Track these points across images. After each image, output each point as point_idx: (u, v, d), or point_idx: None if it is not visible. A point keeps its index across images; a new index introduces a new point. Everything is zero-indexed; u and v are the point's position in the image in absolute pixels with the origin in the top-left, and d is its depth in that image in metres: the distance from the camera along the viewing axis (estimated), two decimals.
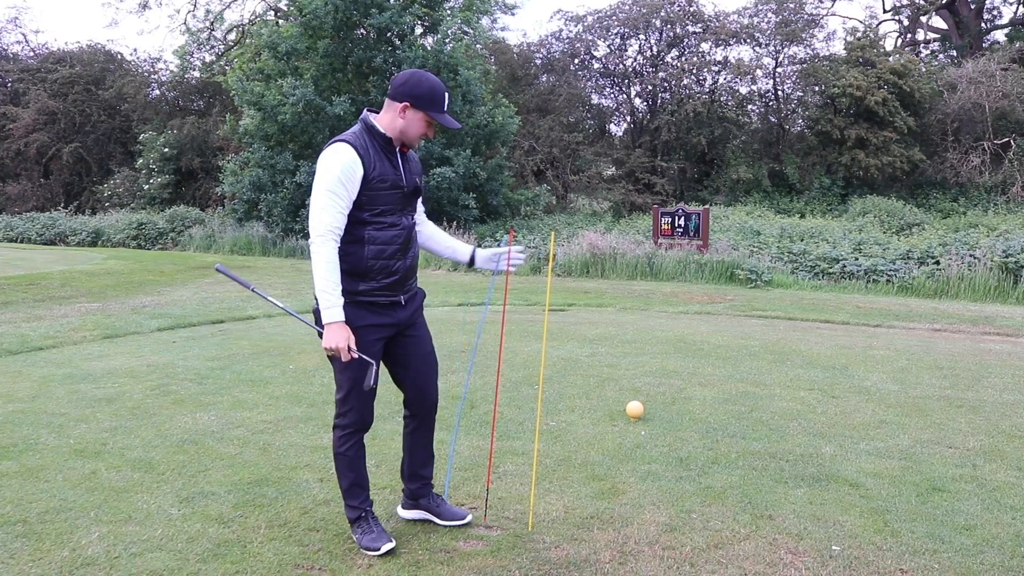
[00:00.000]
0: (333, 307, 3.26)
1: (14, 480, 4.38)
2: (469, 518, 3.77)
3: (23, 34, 39.37)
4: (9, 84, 35.94)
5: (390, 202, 3.38)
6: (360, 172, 3.28)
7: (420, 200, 3.69)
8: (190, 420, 5.49)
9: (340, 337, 3.25)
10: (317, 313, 3.41)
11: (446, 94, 3.40)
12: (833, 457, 4.74)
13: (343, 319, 3.28)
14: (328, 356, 3.39)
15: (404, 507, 3.87)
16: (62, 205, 31.55)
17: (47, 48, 37.22)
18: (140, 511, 3.96)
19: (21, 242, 26.49)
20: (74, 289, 12.64)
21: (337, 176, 3.24)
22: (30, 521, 3.85)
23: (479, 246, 3.71)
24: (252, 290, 3.81)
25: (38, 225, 27.25)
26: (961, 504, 4.04)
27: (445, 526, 3.75)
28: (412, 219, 3.53)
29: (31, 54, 36.87)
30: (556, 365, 7.26)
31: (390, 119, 3.38)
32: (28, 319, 9.90)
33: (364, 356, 3.35)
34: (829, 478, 4.39)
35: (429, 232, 3.78)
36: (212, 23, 32.41)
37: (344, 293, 3.34)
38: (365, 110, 3.45)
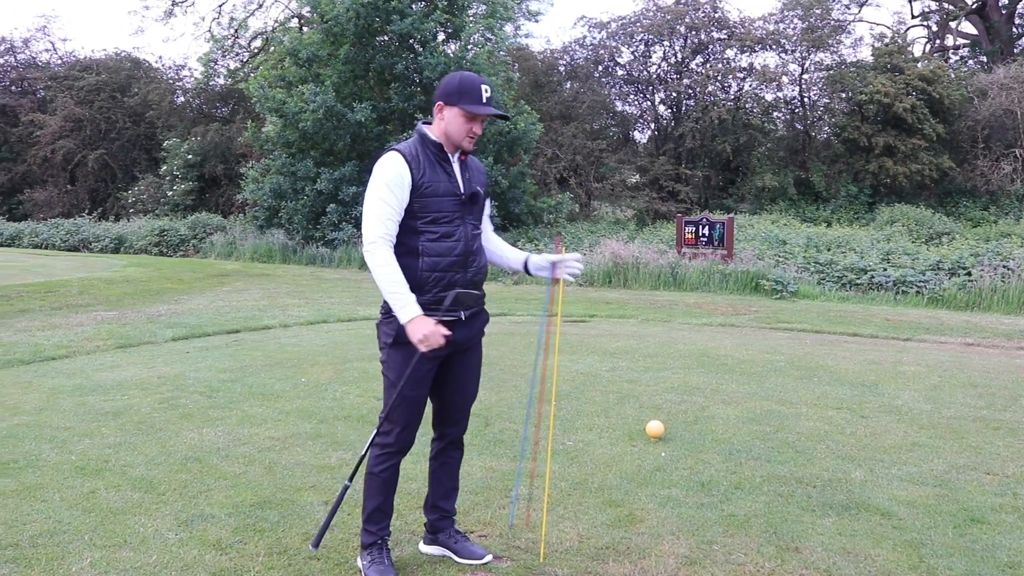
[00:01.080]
0: (406, 304, 3.17)
1: (10, 499, 4.24)
2: (488, 558, 3.53)
3: (51, 42, 39.61)
4: (38, 92, 36.23)
5: (444, 209, 3.28)
6: (408, 179, 3.23)
7: (487, 211, 3.58)
8: (196, 436, 5.34)
9: (425, 326, 3.14)
10: (381, 325, 3.38)
11: (482, 85, 3.26)
12: (863, 483, 4.50)
13: (420, 312, 3.17)
14: (382, 373, 3.38)
15: (425, 541, 3.70)
16: (87, 211, 31.72)
17: (74, 56, 37.52)
18: (136, 535, 3.80)
19: (45, 248, 26.64)
20: (92, 297, 12.58)
21: (386, 183, 3.22)
22: (21, 545, 3.70)
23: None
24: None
25: (62, 231, 27.39)
26: (1002, 538, 3.79)
27: (462, 564, 3.54)
28: (474, 229, 3.39)
29: (59, 62, 37.15)
30: (575, 380, 7.05)
31: (436, 124, 3.34)
32: (44, 327, 9.83)
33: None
34: (859, 506, 4.16)
35: (496, 243, 3.65)
36: (236, 30, 32.54)
37: (389, 311, 3.31)
38: (419, 122, 3.42)
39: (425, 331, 3.13)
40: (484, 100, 3.26)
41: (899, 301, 13.52)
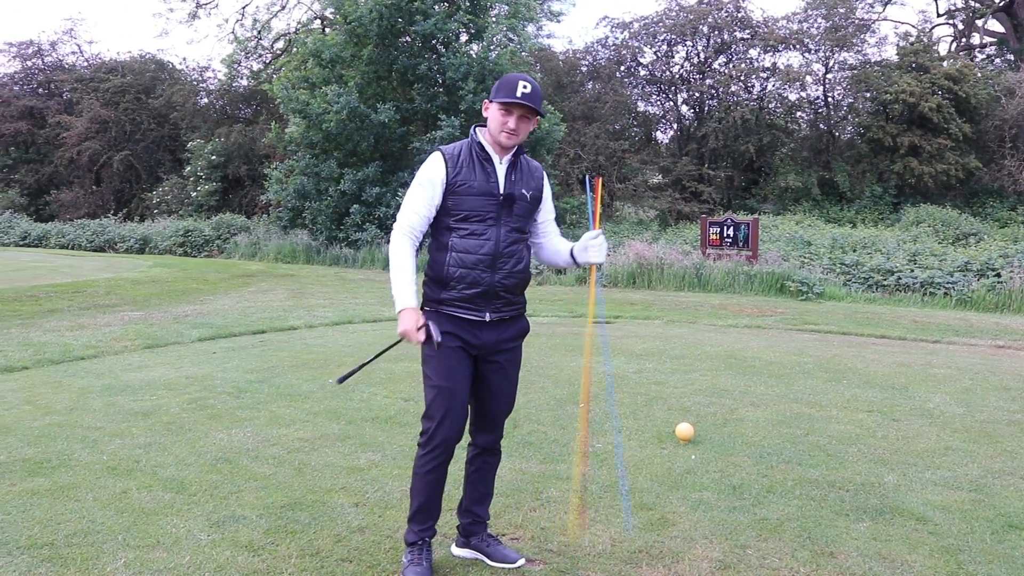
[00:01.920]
0: (400, 294, 3.27)
1: (45, 499, 4.27)
2: (521, 561, 3.51)
3: (78, 45, 39.81)
4: (64, 94, 36.58)
5: (477, 209, 3.30)
6: (441, 176, 3.30)
7: (543, 217, 3.54)
8: (225, 437, 5.36)
9: (406, 321, 3.23)
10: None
11: (520, 81, 3.26)
12: (897, 487, 4.45)
13: (412, 305, 3.26)
14: (423, 372, 3.41)
15: (457, 544, 3.68)
16: (112, 212, 31.99)
17: (100, 58, 37.84)
18: (169, 536, 3.81)
19: (72, 248, 26.88)
20: (118, 297, 12.68)
21: (419, 180, 3.34)
22: (57, 544, 3.72)
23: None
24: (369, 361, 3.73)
25: (88, 232, 27.65)
26: None
27: (495, 567, 3.52)
28: (511, 232, 3.36)
29: (85, 64, 37.49)
30: (602, 382, 7.02)
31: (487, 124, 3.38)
32: (72, 328, 9.91)
33: (434, 327, 3.28)
34: (893, 511, 4.11)
35: (555, 246, 3.59)
36: (259, 32, 32.69)
37: (429, 301, 3.39)
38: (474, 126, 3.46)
39: (405, 326, 3.23)
40: (518, 95, 3.23)
41: (927, 303, 13.39)
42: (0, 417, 5.88)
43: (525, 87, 3.24)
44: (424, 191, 3.33)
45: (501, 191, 3.33)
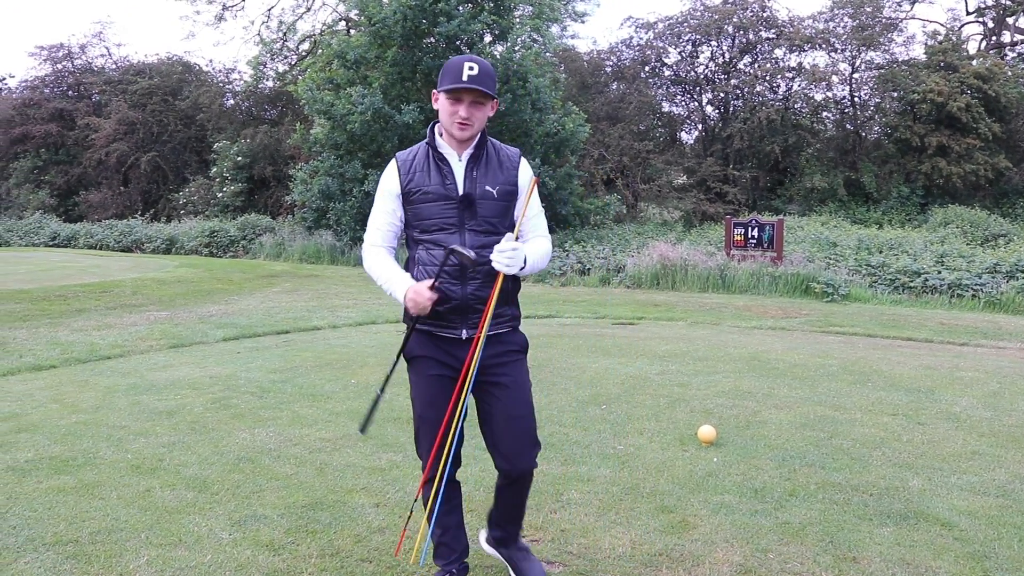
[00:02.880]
0: (396, 285, 3.00)
1: (70, 496, 4.32)
2: None
3: (106, 47, 40.41)
4: (93, 96, 36.99)
5: (434, 216, 3.00)
6: (395, 187, 3.06)
7: (521, 212, 3.12)
8: (248, 436, 5.40)
9: (416, 295, 2.90)
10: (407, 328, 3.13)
11: (466, 63, 2.91)
12: (922, 491, 4.40)
13: (409, 283, 2.97)
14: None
15: (487, 542, 3.51)
16: (140, 213, 32.31)
17: (128, 60, 38.20)
18: (191, 534, 3.84)
19: (100, 249, 27.17)
20: (145, 297, 12.80)
21: (378, 192, 3.14)
22: (81, 541, 3.76)
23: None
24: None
25: (116, 232, 27.93)
26: None
27: None
28: (479, 236, 3.00)
29: (114, 67, 37.87)
30: (625, 383, 7.00)
31: None
32: (99, 327, 10.01)
33: (465, 249, 2.93)
34: (918, 516, 4.06)
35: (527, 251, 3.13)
36: (285, 34, 32.89)
37: (406, 318, 3.07)
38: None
39: (415, 299, 2.90)
40: (464, 78, 2.89)
41: (954, 305, 13.24)
42: (28, 415, 5.96)
43: (471, 68, 2.90)
44: (380, 203, 3.11)
45: (459, 192, 3.01)
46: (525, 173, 3.13)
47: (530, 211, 3.13)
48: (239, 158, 30.07)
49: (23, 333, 9.53)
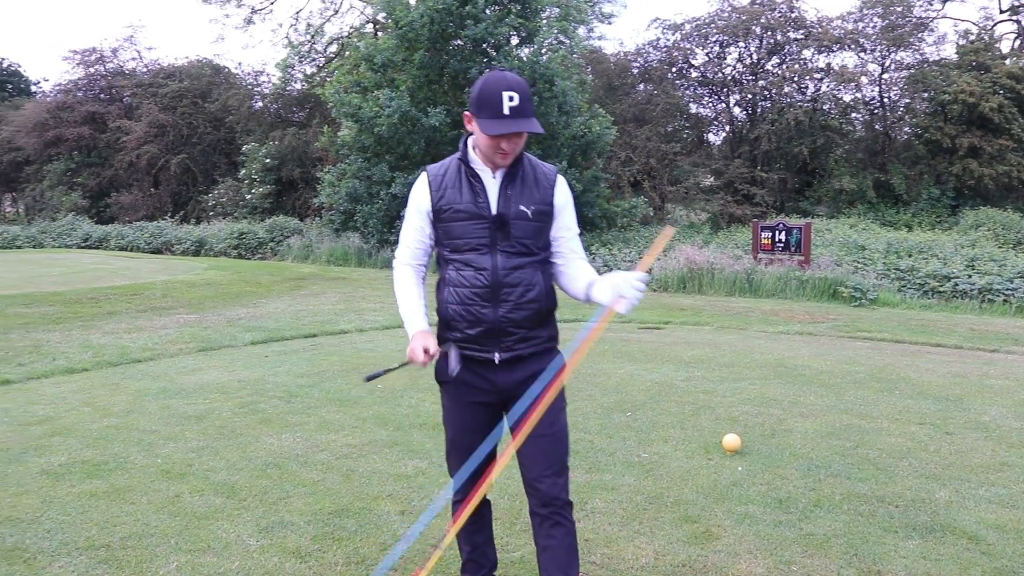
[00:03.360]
0: (409, 319, 2.93)
1: (102, 501, 4.39)
2: None
3: (137, 51, 40.77)
4: (124, 99, 37.46)
5: (466, 235, 2.84)
6: (425, 203, 2.90)
7: (557, 233, 2.95)
8: (275, 442, 5.46)
9: (414, 342, 2.83)
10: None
11: (505, 92, 2.66)
12: (948, 503, 4.37)
13: (423, 327, 2.90)
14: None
15: None
16: (169, 214, 32.68)
17: (159, 64, 38.66)
18: (219, 540, 3.90)
19: (131, 250, 27.51)
20: (174, 300, 12.95)
21: (409, 205, 2.98)
22: (112, 546, 3.83)
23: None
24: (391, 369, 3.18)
25: (146, 234, 28.26)
26: None
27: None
28: (511, 258, 2.82)
29: (144, 70, 38.33)
30: (650, 390, 7.00)
31: None
32: (129, 330, 10.15)
33: (444, 348, 2.89)
34: (944, 528, 4.04)
35: (572, 273, 2.96)
36: (313, 36, 33.11)
37: (439, 342, 2.92)
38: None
39: (414, 343, 2.83)
40: (506, 111, 2.67)
41: (985, 310, 13.08)
42: (62, 419, 6.06)
43: (511, 98, 2.66)
44: (410, 220, 2.97)
45: (492, 211, 2.83)
46: (562, 192, 2.95)
47: (569, 231, 2.97)
48: (267, 160, 30.32)
49: (56, 336, 9.68)
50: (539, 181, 2.90)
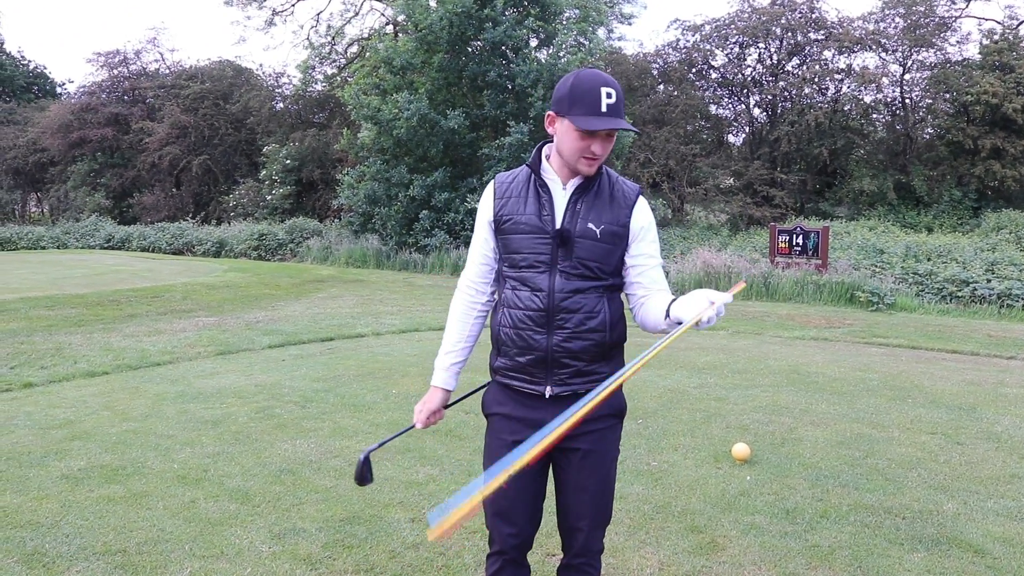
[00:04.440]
0: (437, 368, 2.78)
1: (119, 505, 4.48)
2: None
3: (160, 53, 41.09)
4: (147, 100, 37.84)
5: (526, 249, 2.56)
6: (488, 211, 2.65)
7: (633, 260, 2.62)
8: (290, 447, 5.54)
9: (424, 404, 2.77)
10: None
11: (603, 88, 2.40)
12: (956, 516, 4.38)
13: (440, 384, 2.76)
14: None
15: None
16: (191, 215, 32.96)
17: (181, 65, 38.99)
18: (232, 546, 3.97)
19: (152, 251, 27.76)
20: (194, 302, 13.09)
21: (477, 216, 2.73)
22: (129, 551, 3.91)
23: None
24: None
25: (168, 235, 28.52)
26: None
27: None
28: (572, 280, 2.53)
29: (167, 71, 38.69)
30: (662, 396, 7.04)
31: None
32: (149, 333, 10.28)
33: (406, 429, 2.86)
34: (950, 541, 4.05)
35: (651, 306, 2.56)
36: (333, 38, 33.32)
37: (490, 369, 2.74)
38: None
39: (428, 394, 2.75)
40: (603, 109, 2.40)
41: (1004, 315, 13.01)
42: (82, 423, 6.17)
43: (610, 96, 2.41)
44: (477, 231, 2.73)
45: (555, 225, 2.54)
46: (642, 214, 2.63)
47: (650, 260, 2.62)
48: (288, 161, 30.53)
49: (78, 338, 9.83)
50: (615, 198, 2.59)
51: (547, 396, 2.58)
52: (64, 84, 50.50)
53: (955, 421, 6.28)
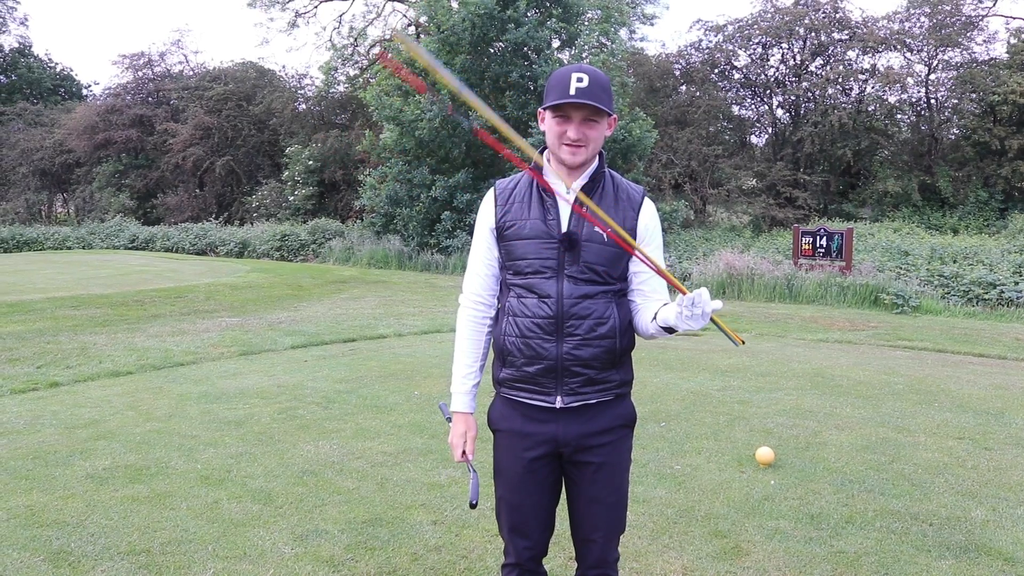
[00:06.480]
0: (455, 393, 2.67)
1: (143, 506, 4.51)
2: None
3: (184, 55, 41.56)
4: (171, 102, 38.15)
5: (531, 256, 2.50)
6: (490, 218, 2.59)
7: (636, 266, 2.56)
8: (312, 449, 5.55)
9: (454, 432, 2.67)
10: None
11: (574, 73, 2.38)
12: (984, 523, 4.32)
13: (464, 409, 2.66)
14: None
15: None
16: (214, 216, 33.19)
17: (204, 67, 39.30)
18: (255, 547, 3.99)
19: (176, 252, 27.98)
20: (217, 303, 13.17)
21: (476, 225, 2.67)
22: (152, 552, 3.94)
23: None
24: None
25: (191, 235, 28.72)
26: None
27: None
28: (581, 286, 2.47)
29: (191, 73, 39.00)
30: (685, 399, 7.00)
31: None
32: (173, 333, 10.35)
33: (471, 466, 2.70)
34: (979, 548, 4.00)
35: (646, 312, 2.55)
36: (355, 39, 33.44)
37: (494, 382, 2.65)
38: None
39: (451, 437, 2.68)
40: (572, 92, 2.37)
41: None
42: (106, 422, 6.22)
43: (580, 80, 2.37)
44: (476, 240, 2.64)
45: (561, 229, 2.49)
46: (647, 217, 2.59)
47: (656, 265, 2.46)
48: (310, 162, 30.66)
49: (103, 339, 9.91)
50: (620, 201, 2.55)
51: (558, 407, 2.52)
52: (90, 86, 51.16)
53: (983, 426, 6.20)
